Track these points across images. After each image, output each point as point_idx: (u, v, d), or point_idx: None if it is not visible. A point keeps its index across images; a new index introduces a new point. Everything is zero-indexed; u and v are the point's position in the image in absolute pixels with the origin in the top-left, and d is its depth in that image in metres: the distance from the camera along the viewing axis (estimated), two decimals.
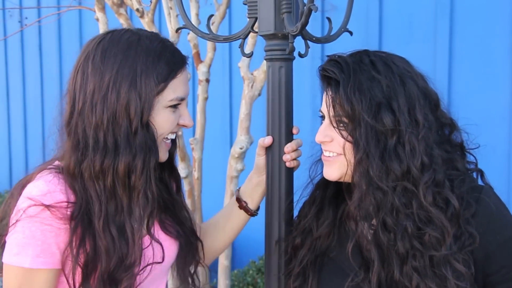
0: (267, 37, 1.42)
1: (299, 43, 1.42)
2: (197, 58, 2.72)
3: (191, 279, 1.49)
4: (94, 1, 2.80)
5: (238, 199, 1.54)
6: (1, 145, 6.41)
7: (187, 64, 1.34)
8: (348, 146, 1.24)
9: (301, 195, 1.44)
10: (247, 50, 2.41)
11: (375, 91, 1.21)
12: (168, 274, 1.49)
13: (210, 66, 2.70)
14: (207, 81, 2.69)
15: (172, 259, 1.42)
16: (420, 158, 1.19)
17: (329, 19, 1.55)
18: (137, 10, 2.54)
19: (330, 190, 1.38)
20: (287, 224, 1.45)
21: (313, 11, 1.22)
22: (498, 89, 3.17)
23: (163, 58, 1.26)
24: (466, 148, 1.32)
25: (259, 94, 2.54)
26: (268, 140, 1.43)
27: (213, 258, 1.63)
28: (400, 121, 1.20)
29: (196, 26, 1.81)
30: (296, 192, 1.46)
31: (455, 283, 1.16)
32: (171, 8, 2.65)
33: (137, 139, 1.23)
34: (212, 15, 1.64)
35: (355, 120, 1.21)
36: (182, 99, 1.31)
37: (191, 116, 1.36)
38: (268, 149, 1.45)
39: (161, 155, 1.33)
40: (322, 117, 1.32)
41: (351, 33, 1.56)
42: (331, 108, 1.26)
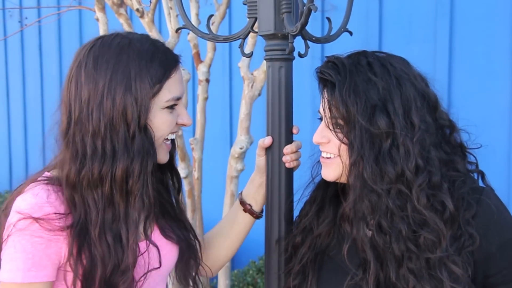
0: (267, 37, 1.42)
1: (299, 43, 1.42)
2: (197, 58, 2.72)
3: (193, 282, 1.48)
4: (94, 1, 2.80)
5: (242, 203, 1.53)
6: (1, 145, 6.41)
7: (181, 63, 1.33)
8: (344, 148, 1.24)
9: (302, 195, 1.44)
10: (247, 50, 2.41)
11: (371, 93, 1.21)
12: (168, 279, 1.48)
13: (210, 66, 2.69)
14: (207, 81, 2.69)
15: (172, 264, 1.41)
16: (414, 160, 1.19)
17: (329, 19, 1.55)
18: (137, 10, 2.54)
19: (330, 189, 1.38)
20: (287, 224, 1.45)
21: (313, 11, 1.22)
22: (498, 89, 3.17)
23: (155, 60, 1.25)
24: (466, 148, 1.32)
25: (259, 94, 2.54)
26: (268, 141, 1.43)
27: (220, 266, 1.61)
28: (395, 124, 1.20)
29: (196, 26, 1.81)
30: (296, 192, 1.46)
31: (450, 285, 1.16)
32: (171, 8, 2.65)
33: (135, 144, 1.22)
34: (212, 15, 1.64)
35: (350, 123, 1.22)
36: (179, 99, 1.30)
37: (191, 116, 1.35)
38: (268, 149, 1.45)
39: (162, 156, 1.33)
40: (320, 118, 1.32)
41: (351, 33, 1.56)
42: (327, 110, 1.26)
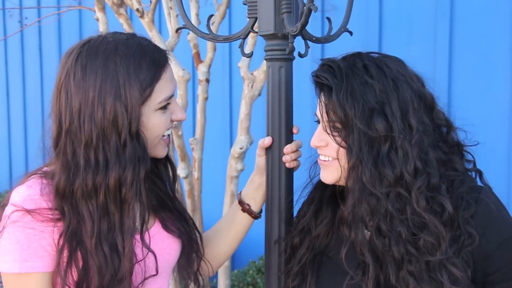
0: (267, 37, 1.42)
1: (299, 43, 1.42)
2: (197, 58, 2.72)
3: (195, 277, 1.48)
4: (94, 1, 2.80)
5: (241, 202, 1.53)
6: (1, 145, 6.41)
7: (169, 60, 1.32)
8: (342, 151, 1.24)
9: (300, 195, 1.44)
10: (247, 50, 2.41)
11: (368, 96, 1.20)
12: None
13: (210, 66, 2.69)
14: (207, 81, 2.69)
15: (174, 257, 1.41)
16: (413, 163, 1.19)
17: (329, 19, 1.55)
18: (137, 10, 2.54)
19: (328, 189, 1.38)
20: (287, 224, 1.45)
21: (313, 11, 1.22)
22: (498, 89, 3.17)
23: (144, 63, 1.24)
24: (464, 147, 1.31)
25: (259, 94, 2.54)
26: (267, 141, 1.43)
27: (219, 265, 1.61)
28: (393, 127, 1.19)
29: (196, 26, 1.81)
30: (296, 192, 1.46)
31: (450, 287, 1.16)
32: (171, 8, 2.65)
33: (127, 152, 1.22)
34: (212, 15, 1.64)
35: (348, 126, 1.21)
36: (171, 97, 1.30)
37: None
38: (268, 149, 1.45)
39: (160, 152, 1.34)
40: (317, 121, 1.32)
41: (351, 33, 1.56)
42: (324, 114, 1.25)
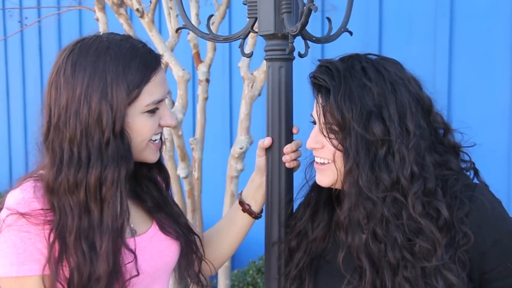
0: (267, 37, 1.42)
1: (299, 43, 1.42)
2: (197, 58, 2.72)
3: (197, 278, 1.47)
4: (94, 1, 2.80)
5: (241, 202, 1.53)
6: (1, 145, 6.41)
7: (162, 64, 1.31)
8: (339, 154, 1.23)
9: (296, 197, 1.44)
10: (247, 50, 2.41)
11: (366, 99, 1.20)
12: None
13: (210, 66, 2.69)
14: (207, 81, 2.69)
15: (172, 259, 1.41)
16: (409, 168, 1.18)
17: (329, 19, 1.55)
18: (137, 10, 2.54)
19: (325, 192, 1.37)
20: (287, 225, 1.44)
21: (313, 11, 1.22)
22: (498, 89, 3.17)
23: (134, 64, 1.24)
24: (461, 147, 1.31)
25: (259, 94, 2.54)
26: (267, 141, 1.43)
27: (219, 266, 1.61)
28: (390, 131, 1.19)
29: (196, 26, 1.81)
30: (296, 192, 1.46)
31: None
32: (171, 8, 2.65)
33: (109, 150, 1.22)
34: (212, 15, 1.64)
35: (345, 129, 1.21)
36: (160, 101, 1.29)
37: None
38: (268, 149, 1.45)
39: (151, 157, 1.33)
40: (313, 122, 1.31)
41: (351, 33, 1.56)
42: (321, 116, 1.25)
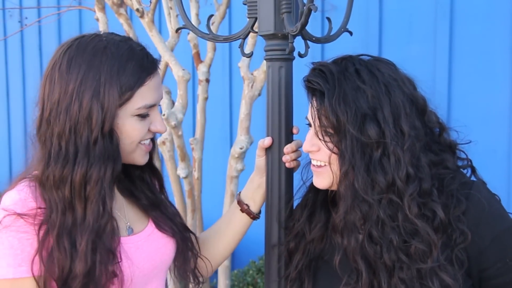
0: (267, 37, 1.42)
1: (299, 43, 1.42)
2: (197, 58, 2.72)
3: (193, 275, 1.48)
4: (94, 1, 2.80)
5: (240, 202, 1.53)
6: (1, 145, 6.41)
7: (158, 69, 1.31)
8: (334, 157, 1.24)
9: (294, 198, 1.44)
10: (247, 50, 2.41)
11: (360, 102, 1.20)
12: (167, 276, 1.48)
13: (210, 66, 2.69)
14: (207, 81, 2.69)
15: (169, 257, 1.41)
16: (405, 169, 1.18)
17: (329, 19, 1.55)
18: (137, 10, 2.54)
19: (321, 193, 1.37)
20: (286, 225, 1.44)
21: (313, 11, 1.22)
22: (498, 89, 3.17)
23: (129, 66, 1.24)
24: (457, 145, 1.31)
25: (259, 94, 2.54)
26: (267, 141, 1.43)
27: (217, 265, 1.61)
28: (385, 133, 1.19)
29: (196, 26, 1.81)
30: (295, 193, 1.46)
31: None
32: (171, 8, 2.65)
33: (96, 149, 1.21)
34: (212, 15, 1.64)
35: (340, 132, 1.21)
36: (152, 106, 1.28)
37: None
38: (268, 149, 1.45)
39: (139, 159, 1.33)
40: (308, 125, 1.31)
41: (351, 33, 1.56)
42: (316, 119, 1.24)
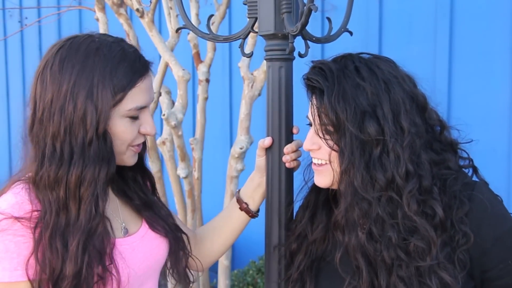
0: (267, 37, 1.42)
1: (299, 43, 1.42)
2: (197, 58, 2.72)
3: (184, 275, 1.47)
4: (94, 1, 2.80)
5: (239, 200, 1.53)
6: (1, 145, 6.41)
7: (150, 71, 1.31)
8: (334, 155, 1.24)
9: (295, 199, 1.44)
10: (247, 50, 2.41)
11: (360, 99, 1.20)
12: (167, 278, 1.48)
13: (210, 66, 2.69)
14: (207, 81, 2.69)
15: (162, 257, 1.41)
16: (404, 166, 1.18)
17: (329, 19, 1.55)
18: (137, 10, 2.54)
19: (322, 193, 1.37)
20: (287, 226, 1.44)
21: (313, 11, 1.22)
22: (498, 89, 3.17)
23: (121, 67, 1.24)
24: (458, 144, 1.31)
25: (259, 94, 2.54)
26: (268, 141, 1.43)
27: (212, 262, 1.61)
28: (385, 130, 1.19)
29: (196, 26, 1.81)
30: (296, 193, 1.46)
31: None
32: (171, 8, 2.65)
33: (91, 150, 1.21)
34: (212, 15, 1.64)
35: (340, 130, 1.21)
36: (142, 108, 1.28)
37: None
38: (268, 149, 1.45)
39: (128, 160, 1.33)
40: (309, 124, 1.31)
41: (351, 33, 1.56)
42: (316, 117, 1.25)
